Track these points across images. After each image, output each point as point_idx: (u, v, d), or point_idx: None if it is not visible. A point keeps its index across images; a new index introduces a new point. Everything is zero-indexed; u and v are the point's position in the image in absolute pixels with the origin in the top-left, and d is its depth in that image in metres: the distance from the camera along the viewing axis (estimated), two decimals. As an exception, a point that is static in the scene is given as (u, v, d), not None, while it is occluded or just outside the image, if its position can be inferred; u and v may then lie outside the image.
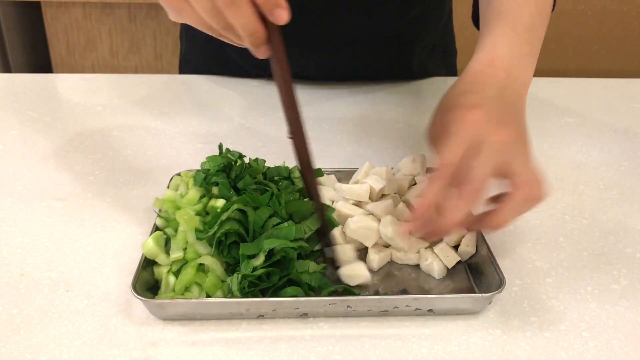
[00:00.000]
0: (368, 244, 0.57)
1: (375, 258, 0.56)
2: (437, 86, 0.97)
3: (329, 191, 0.62)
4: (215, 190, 0.58)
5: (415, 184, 0.63)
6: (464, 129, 0.51)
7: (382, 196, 0.60)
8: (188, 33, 1.01)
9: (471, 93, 0.54)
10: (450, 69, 1.05)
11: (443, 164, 0.50)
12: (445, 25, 0.98)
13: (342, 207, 0.58)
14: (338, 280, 0.54)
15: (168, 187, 0.62)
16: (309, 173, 0.54)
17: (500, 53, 0.57)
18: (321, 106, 0.89)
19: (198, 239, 0.53)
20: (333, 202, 0.60)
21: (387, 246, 0.58)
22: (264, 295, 0.50)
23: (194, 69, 1.01)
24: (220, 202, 0.56)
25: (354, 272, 0.54)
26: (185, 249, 0.53)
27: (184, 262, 0.53)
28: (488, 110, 0.52)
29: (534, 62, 0.59)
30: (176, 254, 0.53)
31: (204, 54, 0.99)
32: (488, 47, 0.57)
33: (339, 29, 0.88)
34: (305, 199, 0.59)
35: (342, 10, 0.86)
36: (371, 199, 0.59)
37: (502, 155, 0.50)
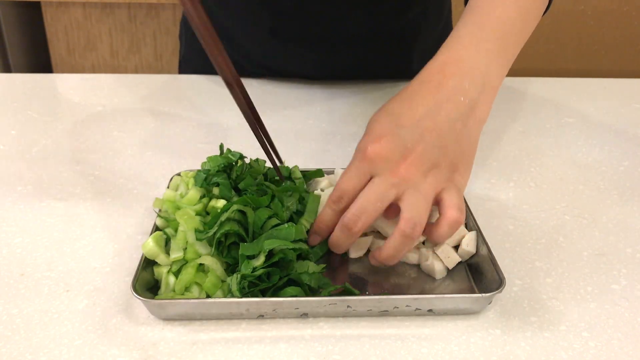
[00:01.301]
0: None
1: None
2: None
3: (323, 182, 0.63)
4: (215, 190, 0.58)
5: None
6: (361, 162, 0.52)
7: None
8: (187, 33, 1.01)
9: (392, 114, 0.54)
10: None
11: (335, 189, 0.53)
12: (445, 25, 0.98)
13: (329, 192, 0.59)
14: (338, 280, 0.55)
15: (168, 187, 0.62)
16: (251, 121, 0.56)
17: (457, 55, 0.55)
18: (321, 106, 0.89)
19: (198, 239, 0.53)
20: (323, 190, 0.60)
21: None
22: (264, 295, 0.50)
23: (194, 69, 1.01)
24: (221, 203, 0.56)
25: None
26: (185, 249, 0.53)
27: (184, 262, 0.53)
28: (396, 142, 0.52)
29: (506, 62, 0.57)
30: (176, 254, 0.53)
31: (203, 54, 0.99)
32: (445, 49, 0.56)
33: (338, 27, 0.88)
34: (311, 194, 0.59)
35: (342, 9, 0.86)
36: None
37: (395, 189, 0.51)
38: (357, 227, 0.52)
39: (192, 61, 1.02)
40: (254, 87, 0.95)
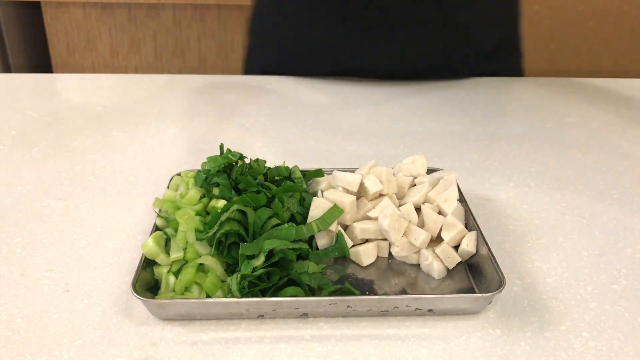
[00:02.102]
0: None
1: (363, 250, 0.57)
2: (438, 86, 0.97)
3: (322, 182, 0.63)
4: (215, 191, 0.58)
5: (415, 185, 0.63)
6: None
7: (380, 196, 0.60)
8: (262, 26, 1.00)
9: None
10: (514, 69, 1.04)
11: None
12: (514, 22, 0.99)
13: (329, 194, 0.59)
14: (338, 281, 0.54)
15: (168, 187, 0.62)
16: None
17: None
18: (321, 105, 0.89)
19: (198, 239, 0.53)
20: (323, 191, 0.60)
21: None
22: (264, 295, 0.50)
23: (262, 65, 1.01)
24: (221, 203, 0.56)
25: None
26: (185, 249, 0.53)
27: (184, 262, 0.53)
28: None
29: None
30: (176, 254, 0.53)
31: (272, 49, 0.99)
32: None
33: (406, 14, 0.89)
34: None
35: None
36: (366, 197, 0.60)
37: None
38: None
39: (261, 55, 1.02)
40: (254, 87, 0.95)
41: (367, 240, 0.58)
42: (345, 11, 0.90)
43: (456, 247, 0.57)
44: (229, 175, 0.60)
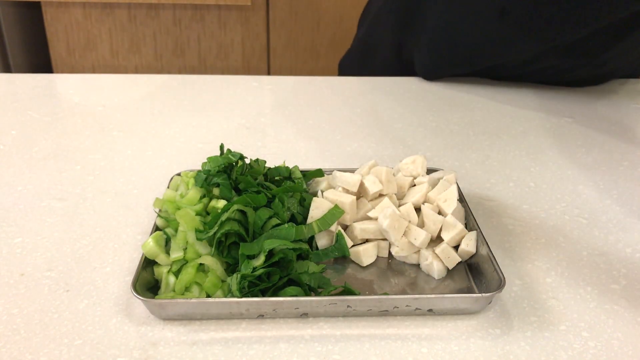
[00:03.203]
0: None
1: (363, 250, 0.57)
2: (438, 86, 0.97)
3: (322, 182, 0.63)
4: (216, 191, 0.58)
5: (415, 185, 0.63)
6: None
7: (380, 196, 0.60)
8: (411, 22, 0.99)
9: None
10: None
11: None
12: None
13: (329, 194, 0.59)
14: (338, 281, 0.55)
15: (168, 187, 0.62)
16: None
17: None
18: (321, 105, 0.89)
19: (198, 239, 0.53)
20: (323, 191, 0.60)
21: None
22: (264, 295, 0.50)
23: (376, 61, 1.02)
24: (221, 203, 0.56)
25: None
26: (185, 249, 0.54)
27: (184, 262, 0.53)
28: None
29: None
30: (176, 254, 0.53)
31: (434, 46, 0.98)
32: None
33: (570, 12, 0.83)
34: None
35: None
36: (366, 197, 0.60)
37: None
38: None
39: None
40: (254, 87, 0.95)
41: (367, 240, 0.58)
42: (508, 3, 0.83)
43: (456, 247, 0.57)
44: (229, 175, 0.60)
